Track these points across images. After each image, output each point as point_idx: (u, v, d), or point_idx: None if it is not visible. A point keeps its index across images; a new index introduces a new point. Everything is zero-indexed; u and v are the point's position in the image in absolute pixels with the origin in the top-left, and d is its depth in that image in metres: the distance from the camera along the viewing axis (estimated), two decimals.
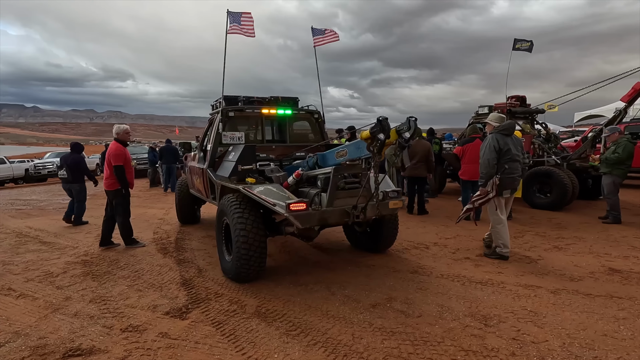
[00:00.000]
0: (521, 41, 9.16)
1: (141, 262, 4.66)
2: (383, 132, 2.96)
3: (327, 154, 3.97)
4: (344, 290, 3.61)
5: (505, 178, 4.22)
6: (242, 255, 3.56)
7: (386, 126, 2.96)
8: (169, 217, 7.69)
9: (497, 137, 4.24)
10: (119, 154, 5.13)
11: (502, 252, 4.44)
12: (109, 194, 5.29)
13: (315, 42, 5.92)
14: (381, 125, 2.97)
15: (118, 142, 5.25)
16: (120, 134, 5.31)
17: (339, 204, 3.60)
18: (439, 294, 3.48)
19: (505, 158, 4.22)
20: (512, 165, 4.26)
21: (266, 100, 5.42)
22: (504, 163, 4.21)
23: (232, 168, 4.09)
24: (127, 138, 5.43)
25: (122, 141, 5.31)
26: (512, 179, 4.28)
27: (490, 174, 4.21)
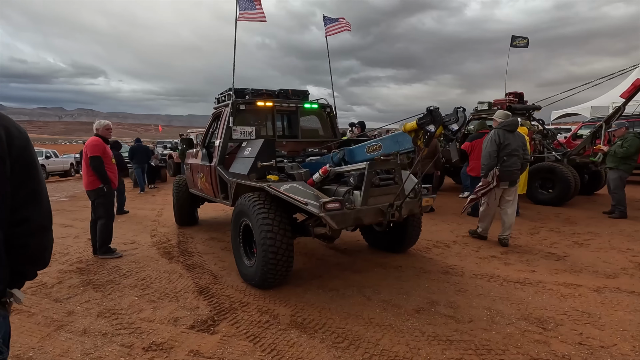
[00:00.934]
0: (518, 38, 9.19)
1: (146, 269, 4.25)
2: (434, 123, 2.73)
3: (355, 149, 3.71)
4: (379, 294, 3.37)
5: (503, 170, 4.57)
6: (270, 259, 3.25)
7: (437, 117, 2.73)
8: (163, 219, 7.22)
9: (499, 132, 4.59)
10: (96, 145, 4.59)
11: (482, 234, 5.06)
12: (89, 195, 4.76)
13: (327, 32, 5.63)
14: (432, 116, 2.73)
15: (97, 137, 4.75)
16: (100, 129, 4.80)
17: (373, 202, 3.34)
18: (480, 295, 3.29)
19: (505, 152, 4.55)
20: (510, 160, 4.58)
21: (275, 93, 5.10)
22: (503, 156, 4.55)
23: (251, 165, 3.76)
24: (108, 134, 4.90)
25: (103, 137, 4.80)
26: (510, 172, 4.61)
27: (491, 165, 4.58)
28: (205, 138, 5.50)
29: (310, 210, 3.10)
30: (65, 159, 20.31)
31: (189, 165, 5.85)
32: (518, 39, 9.16)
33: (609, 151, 6.40)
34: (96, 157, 4.57)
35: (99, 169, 4.58)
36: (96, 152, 4.59)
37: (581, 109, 18.56)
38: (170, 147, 18.12)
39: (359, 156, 3.64)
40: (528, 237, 5.22)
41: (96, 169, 4.57)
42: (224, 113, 4.73)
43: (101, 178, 4.61)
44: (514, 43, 9.21)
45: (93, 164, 4.55)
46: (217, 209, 7.89)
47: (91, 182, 4.64)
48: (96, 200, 4.72)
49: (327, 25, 5.62)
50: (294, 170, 3.96)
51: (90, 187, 4.66)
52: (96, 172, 4.58)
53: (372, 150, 3.45)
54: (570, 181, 7.25)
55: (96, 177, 4.60)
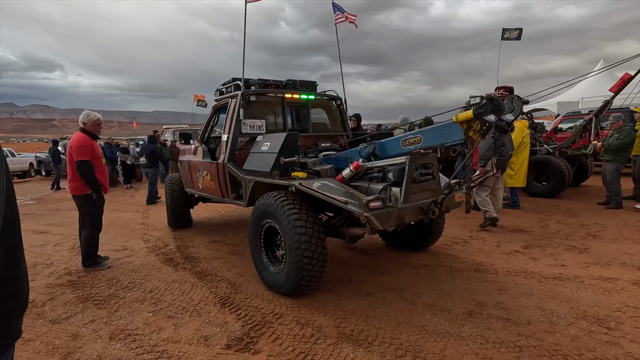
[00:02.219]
0: (509, 30, 9.23)
1: (150, 279, 3.80)
2: (495, 113, 2.52)
3: (388, 143, 3.45)
4: (421, 297, 3.15)
5: (500, 160, 5.00)
6: (305, 264, 2.94)
7: (499, 105, 2.52)
8: (151, 221, 6.66)
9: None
10: (84, 146, 3.94)
11: (492, 215, 5.25)
12: (75, 200, 4.15)
13: (336, 19, 5.32)
14: (493, 105, 2.52)
15: (84, 133, 4.07)
16: (88, 123, 4.09)
17: (414, 199, 3.10)
18: (524, 294, 3.15)
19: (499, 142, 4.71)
20: (504, 150, 4.89)
21: (283, 84, 4.74)
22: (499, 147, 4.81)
23: (274, 161, 3.42)
24: (97, 130, 4.23)
25: (91, 133, 4.12)
26: (504, 161, 5.17)
27: (489, 155, 4.69)
28: (204, 133, 5.06)
29: (351, 209, 2.81)
30: (23, 159, 18.72)
31: (185, 163, 5.37)
32: (509, 31, 9.20)
33: (605, 144, 6.55)
34: (84, 161, 3.93)
35: (88, 175, 3.96)
36: (84, 154, 3.94)
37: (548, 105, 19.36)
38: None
39: (392, 150, 3.39)
40: (540, 229, 5.20)
41: (85, 175, 3.96)
42: (231, 105, 4.32)
43: (91, 185, 4.02)
44: (505, 36, 9.28)
45: (81, 170, 3.93)
46: (208, 209, 7.41)
47: (78, 187, 4.04)
48: (83, 207, 4.12)
49: (337, 12, 5.32)
50: (317, 166, 3.65)
51: (77, 193, 4.07)
52: (85, 179, 3.98)
53: (409, 143, 3.21)
54: (565, 173, 7.40)
55: (83, 183, 4.01)
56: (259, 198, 3.43)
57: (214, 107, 4.91)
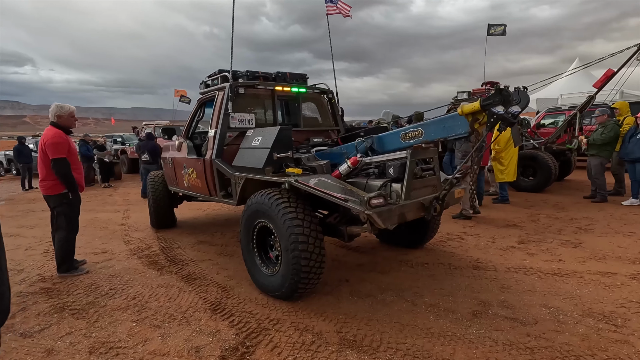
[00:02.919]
0: (494, 26, 9.27)
1: (133, 284, 3.54)
2: (504, 104, 2.40)
3: (386, 137, 3.30)
4: (422, 297, 3.03)
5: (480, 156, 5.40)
6: (302, 266, 2.77)
7: (509, 96, 2.40)
8: (132, 222, 6.33)
9: None
10: (60, 143, 3.61)
11: (467, 214, 5.44)
12: (48, 201, 3.82)
13: (328, 10, 5.12)
14: (501, 96, 2.40)
15: (57, 128, 3.73)
16: (64, 116, 3.76)
17: (415, 195, 2.97)
18: (527, 291, 3.08)
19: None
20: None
21: (272, 76, 4.53)
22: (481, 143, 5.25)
23: (267, 157, 3.22)
24: (72, 123, 3.89)
25: (64, 127, 3.78)
26: (482, 157, 5.59)
27: (469, 151, 4.87)
28: (189, 128, 4.79)
29: (351, 207, 2.65)
30: None
31: (168, 160, 5.08)
32: (494, 26, 9.24)
33: (589, 139, 6.63)
34: (61, 159, 3.62)
35: (64, 174, 3.65)
36: (59, 152, 3.61)
37: None
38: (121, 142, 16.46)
39: (391, 144, 3.24)
40: (532, 224, 5.20)
41: (61, 175, 3.64)
42: (218, 98, 4.07)
43: (68, 185, 3.71)
44: (491, 32, 9.30)
45: (57, 169, 3.61)
46: (194, 207, 7.11)
47: (51, 186, 3.72)
48: (57, 207, 3.79)
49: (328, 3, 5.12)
50: (312, 162, 3.47)
51: (51, 192, 3.74)
52: (61, 178, 3.66)
53: (409, 137, 3.07)
54: (552, 168, 7.48)
55: (58, 182, 3.69)
56: (251, 196, 3.23)
57: (199, 100, 4.65)
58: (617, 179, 7.13)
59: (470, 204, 2.94)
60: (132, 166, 14.66)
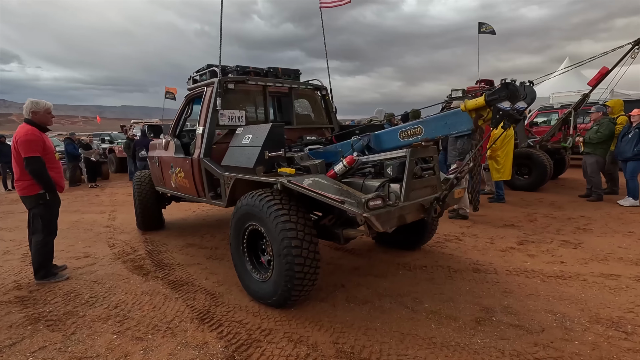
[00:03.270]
0: (485, 25, 9.22)
1: (116, 292, 3.33)
2: (510, 100, 2.25)
3: (384, 135, 3.14)
4: (422, 303, 2.89)
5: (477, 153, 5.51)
6: (296, 272, 2.60)
7: (515, 91, 2.25)
8: (118, 223, 6.08)
9: None
10: (33, 140, 3.37)
11: (465, 213, 5.36)
12: (25, 202, 3.58)
13: (321, 4, 4.94)
14: (508, 90, 2.25)
15: (32, 125, 3.48)
16: (40, 112, 3.51)
17: (414, 196, 2.82)
18: (530, 296, 2.95)
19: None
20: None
21: (263, 72, 4.34)
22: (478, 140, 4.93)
23: (257, 155, 3.04)
24: (49, 120, 3.64)
25: (40, 124, 3.54)
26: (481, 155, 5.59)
27: (467, 149, 4.96)
28: (176, 126, 4.58)
29: (348, 209, 2.49)
30: None
31: (155, 159, 4.86)
32: (484, 25, 9.19)
33: (585, 137, 6.57)
34: (34, 158, 3.37)
35: (39, 173, 3.41)
36: (33, 150, 3.37)
37: None
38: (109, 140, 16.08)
39: (389, 142, 3.09)
40: (530, 224, 5.10)
41: (36, 174, 3.40)
42: (207, 94, 3.88)
43: (44, 185, 3.47)
44: (482, 29, 9.24)
45: (31, 168, 3.37)
46: (182, 208, 6.88)
47: (27, 186, 3.48)
48: (33, 209, 3.55)
49: None
50: (306, 160, 3.30)
51: (26, 193, 3.50)
52: (36, 178, 3.43)
53: (408, 135, 2.91)
54: (547, 167, 7.42)
55: (34, 182, 3.46)
56: (241, 197, 3.04)
57: (186, 97, 4.44)
58: (611, 178, 7.09)
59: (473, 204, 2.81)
60: (120, 165, 14.30)
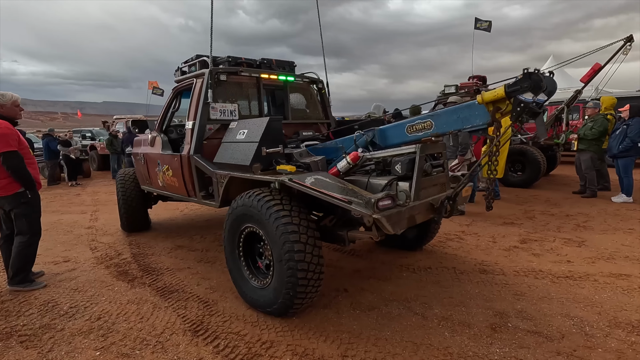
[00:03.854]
0: (481, 21, 9.15)
1: (98, 301, 3.06)
2: (533, 91, 2.08)
3: (389, 129, 2.95)
4: (432, 309, 2.72)
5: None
6: (299, 278, 2.39)
7: (539, 82, 2.08)
8: (101, 224, 5.74)
9: None
10: (8, 134, 3.11)
11: (463, 209, 5.24)
12: (3, 203, 3.27)
13: None
14: (531, 81, 2.08)
15: (1, 119, 3.21)
16: (6, 105, 3.23)
17: (424, 195, 2.64)
18: (543, 298, 2.82)
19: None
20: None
21: (256, 63, 4.08)
22: None
23: (254, 152, 2.80)
24: (17, 114, 3.36)
25: (7, 118, 3.26)
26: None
27: (468, 144, 5.18)
28: (162, 120, 4.29)
29: (356, 210, 2.28)
30: None
31: (140, 156, 4.55)
32: (480, 21, 9.12)
33: (580, 133, 6.55)
34: (11, 152, 3.10)
35: (18, 169, 3.15)
36: (9, 144, 3.09)
37: None
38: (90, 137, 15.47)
39: (395, 138, 2.90)
40: (529, 221, 5.02)
41: (15, 170, 3.13)
42: (197, 86, 3.61)
43: (24, 182, 3.20)
44: (477, 25, 9.16)
45: (9, 163, 3.10)
46: (170, 207, 6.57)
47: (5, 185, 3.18)
48: (14, 209, 3.26)
49: None
50: (305, 157, 3.08)
51: (4, 193, 3.19)
52: (15, 175, 3.15)
53: (417, 129, 2.73)
54: (541, 163, 7.39)
55: (12, 179, 3.18)
56: (237, 197, 2.81)
57: (174, 89, 4.15)
58: (600, 175, 7.10)
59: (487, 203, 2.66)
60: (102, 163, 13.78)
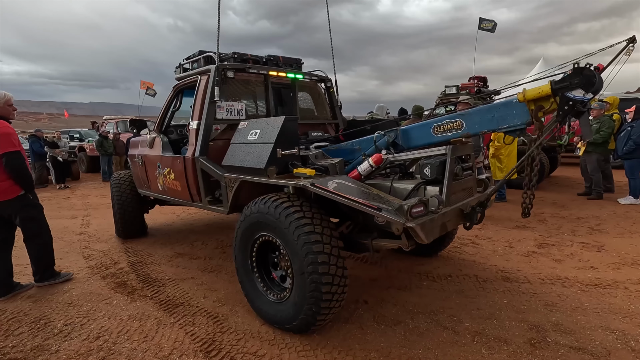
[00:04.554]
0: (485, 21, 9.06)
1: (95, 316, 2.79)
2: (585, 88, 1.91)
3: (414, 130, 2.75)
4: (462, 322, 2.53)
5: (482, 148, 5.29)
6: (324, 293, 2.18)
7: (592, 78, 1.91)
8: (93, 230, 5.44)
9: None
10: (10, 133, 3.05)
11: None
12: (5, 208, 3.12)
13: None
14: (583, 77, 1.91)
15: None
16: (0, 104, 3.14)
17: (454, 200, 2.46)
18: (577, 309, 2.66)
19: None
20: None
21: (262, 60, 3.86)
22: None
23: (270, 154, 2.58)
24: (10, 113, 3.25)
25: (2, 117, 3.16)
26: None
27: (481, 146, 5.06)
28: (162, 120, 4.03)
29: (387, 218, 2.08)
30: None
31: (138, 158, 4.28)
32: (485, 21, 9.03)
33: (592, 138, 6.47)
34: (15, 153, 3.04)
35: (21, 170, 3.08)
36: (13, 144, 3.04)
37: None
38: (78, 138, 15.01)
39: (420, 139, 2.70)
40: (541, 225, 4.89)
41: (17, 171, 3.06)
42: (202, 83, 3.37)
43: (25, 183, 3.13)
44: (481, 26, 9.08)
45: (13, 164, 3.02)
46: (166, 211, 6.28)
47: (6, 188, 3.07)
48: (20, 214, 3.16)
49: None
50: (321, 159, 2.87)
51: (6, 197, 3.09)
52: (17, 176, 3.07)
53: (444, 129, 2.54)
54: (545, 165, 7.32)
55: (12, 182, 3.07)
56: (250, 204, 2.58)
57: (175, 87, 3.90)
58: (605, 176, 7.05)
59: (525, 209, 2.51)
60: (91, 164, 13.34)
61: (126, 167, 9.79)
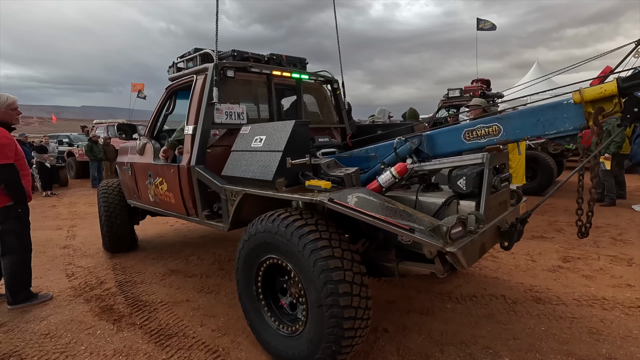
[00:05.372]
0: (483, 21, 8.86)
1: (76, 351, 2.41)
2: None
3: (440, 135, 2.42)
4: (500, 356, 2.21)
5: None
6: (346, 329, 1.84)
7: None
8: (79, 243, 5.03)
9: None
10: (5, 145, 2.84)
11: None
12: None
13: None
14: None
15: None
16: (1, 109, 2.90)
17: (491, 216, 2.14)
18: (627, 338, 2.36)
19: None
20: None
21: (265, 58, 3.53)
22: None
23: (278, 163, 2.24)
24: (13, 118, 3.00)
25: (4, 123, 2.92)
26: None
27: None
28: (154, 125, 3.68)
29: (421, 241, 1.75)
30: None
31: (127, 166, 3.91)
32: (483, 21, 8.83)
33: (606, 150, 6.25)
34: (8, 166, 2.83)
35: (12, 183, 2.85)
36: (6, 156, 2.82)
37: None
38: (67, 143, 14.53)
39: (448, 146, 2.37)
40: (559, 235, 4.61)
41: (9, 184, 2.84)
42: (198, 84, 3.02)
43: (16, 196, 2.90)
44: (480, 26, 8.87)
45: (3, 177, 2.81)
46: (158, 222, 5.88)
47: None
48: (3, 225, 2.91)
49: None
50: (334, 169, 2.54)
51: None
52: (8, 189, 2.85)
53: (477, 135, 2.22)
54: (553, 170, 7.09)
55: (3, 193, 2.85)
56: (255, 221, 2.24)
57: (168, 88, 3.54)
58: (617, 181, 6.83)
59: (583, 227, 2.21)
60: (81, 170, 12.86)
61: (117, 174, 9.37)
